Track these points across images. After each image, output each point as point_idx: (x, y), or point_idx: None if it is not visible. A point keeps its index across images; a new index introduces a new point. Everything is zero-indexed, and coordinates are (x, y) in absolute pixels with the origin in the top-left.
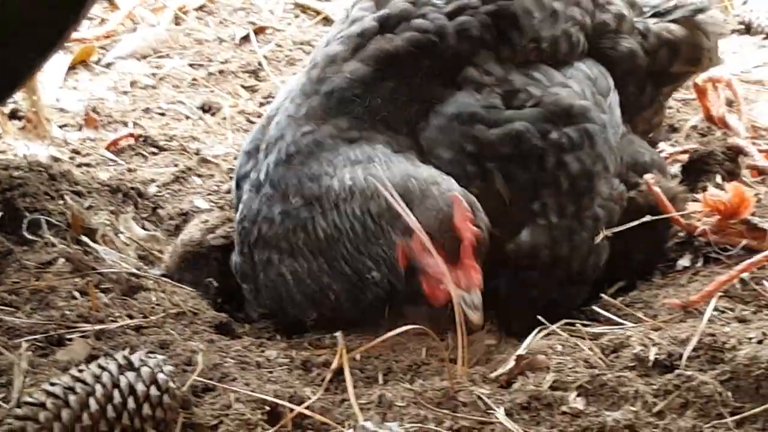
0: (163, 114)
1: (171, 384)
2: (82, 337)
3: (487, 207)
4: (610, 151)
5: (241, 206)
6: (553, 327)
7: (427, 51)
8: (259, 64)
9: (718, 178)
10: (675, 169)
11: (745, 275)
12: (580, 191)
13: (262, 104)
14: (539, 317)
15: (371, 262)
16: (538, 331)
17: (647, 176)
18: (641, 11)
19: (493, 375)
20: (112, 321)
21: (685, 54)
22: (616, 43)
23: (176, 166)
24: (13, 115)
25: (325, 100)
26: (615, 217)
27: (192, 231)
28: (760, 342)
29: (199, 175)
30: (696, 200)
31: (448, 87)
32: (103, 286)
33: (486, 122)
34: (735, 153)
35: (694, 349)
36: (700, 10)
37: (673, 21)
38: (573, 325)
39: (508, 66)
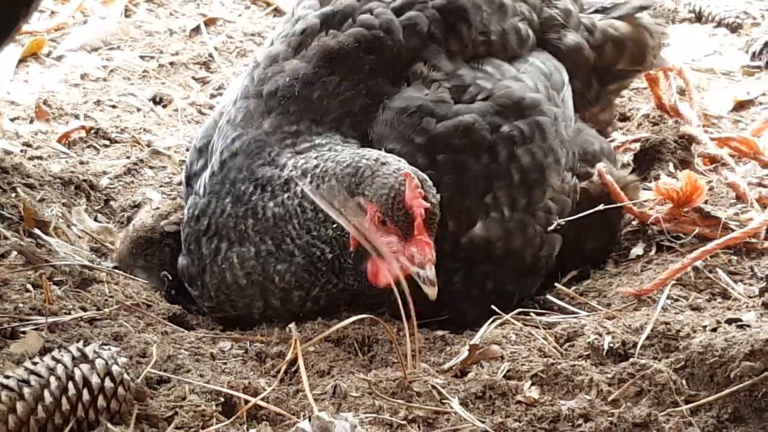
0: (114, 106)
1: (125, 376)
2: (35, 329)
3: (441, 197)
4: (562, 144)
5: (188, 206)
6: (507, 316)
7: (373, 46)
8: (210, 55)
9: (671, 167)
10: (627, 157)
11: (698, 263)
12: (531, 184)
13: (213, 96)
14: (493, 307)
15: (321, 243)
16: (492, 321)
17: (599, 165)
18: (582, 8)
19: (447, 365)
20: (66, 313)
21: (630, 51)
22: (563, 37)
23: (128, 158)
24: None
25: (268, 99)
26: (567, 210)
27: (144, 217)
28: (714, 330)
29: (151, 167)
30: (649, 189)
31: (396, 82)
32: (56, 279)
33: (434, 115)
34: (687, 141)
35: (648, 338)
36: (643, 8)
37: (618, 18)
38: (527, 314)
39: (458, 61)
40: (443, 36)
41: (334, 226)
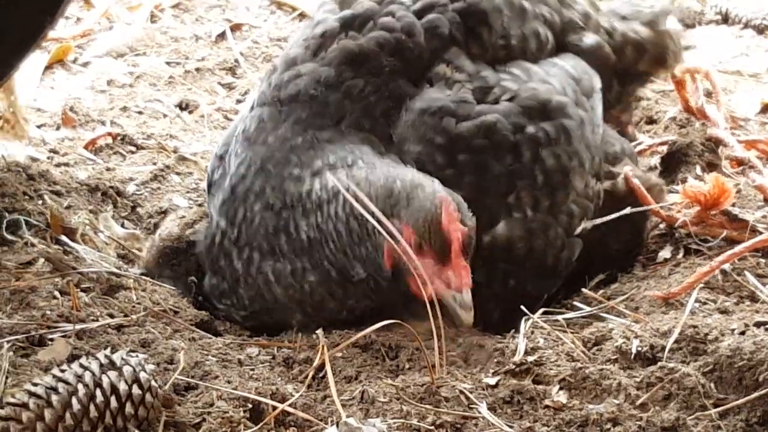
0: (140, 112)
1: (153, 383)
2: (63, 336)
3: (462, 197)
4: (587, 148)
5: (211, 217)
6: (535, 317)
7: (394, 49)
8: (236, 61)
9: (698, 170)
10: (654, 160)
11: (726, 266)
12: (554, 186)
13: (239, 101)
14: (522, 308)
15: (356, 262)
16: (525, 321)
17: (626, 168)
18: (596, 11)
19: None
20: (93, 320)
21: (651, 53)
22: (583, 37)
23: (155, 164)
24: None
25: (287, 104)
26: (589, 215)
27: (170, 226)
28: (742, 333)
29: (178, 173)
30: (676, 192)
31: (418, 84)
32: (83, 286)
33: (456, 116)
34: (714, 144)
35: (677, 341)
36: (664, 13)
37: (638, 22)
38: (555, 317)
39: (480, 63)
40: (464, 39)
41: (369, 246)
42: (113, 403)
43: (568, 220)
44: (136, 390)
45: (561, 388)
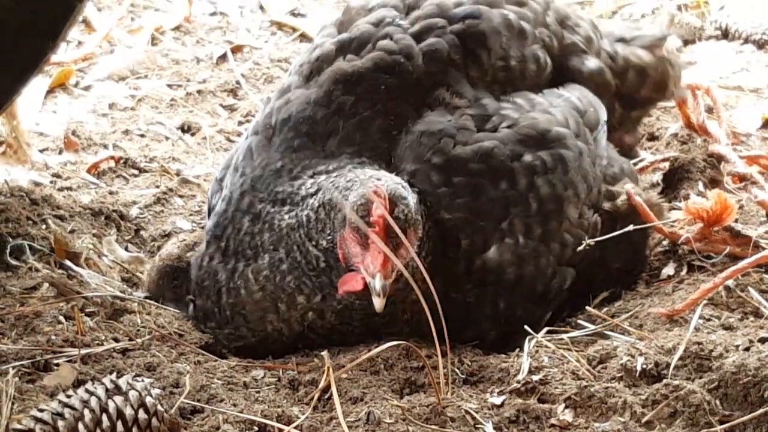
0: (142, 135)
1: (159, 407)
2: (68, 361)
3: (455, 217)
4: (584, 179)
5: (193, 264)
6: (539, 336)
7: (393, 70)
8: (237, 82)
9: (700, 186)
10: (656, 177)
11: (729, 282)
12: (548, 214)
13: (241, 123)
14: (526, 327)
15: (317, 251)
16: (529, 340)
17: (627, 186)
18: (598, 35)
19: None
20: (98, 345)
21: (653, 78)
22: (585, 61)
23: (157, 187)
24: None
25: (279, 128)
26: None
27: (170, 248)
28: (746, 349)
29: (181, 196)
30: (678, 208)
31: (418, 108)
32: (88, 310)
33: (455, 139)
34: (716, 160)
35: (681, 358)
36: (664, 38)
37: (640, 46)
38: (559, 336)
39: (480, 88)
40: (463, 62)
41: (328, 237)
42: (119, 428)
43: (561, 249)
44: (142, 415)
45: (566, 407)
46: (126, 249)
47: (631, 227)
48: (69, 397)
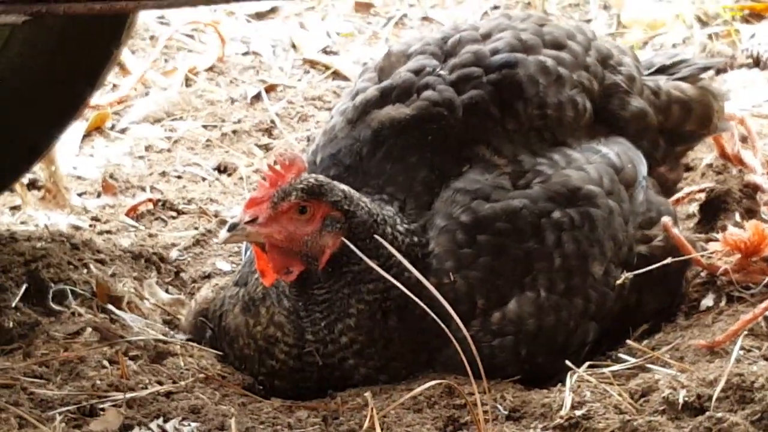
0: (179, 177)
1: None
2: (113, 406)
3: (474, 277)
4: (612, 238)
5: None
6: (580, 371)
7: (437, 123)
8: (272, 121)
9: (737, 216)
10: (692, 208)
11: None
12: (571, 270)
13: None
14: (567, 362)
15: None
16: (570, 375)
17: (664, 219)
18: (641, 71)
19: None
20: (143, 388)
21: (697, 113)
22: (626, 104)
23: (196, 228)
24: (32, 186)
25: (323, 166)
26: (608, 303)
27: (205, 292)
28: None
29: None
30: (716, 240)
31: (459, 161)
32: (131, 354)
33: (489, 199)
34: (752, 190)
35: (723, 390)
36: (707, 68)
37: (682, 79)
38: (600, 370)
39: (517, 142)
40: (500, 114)
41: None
42: None
43: (584, 305)
44: None
45: None
46: (167, 291)
47: (669, 259)
48: None
